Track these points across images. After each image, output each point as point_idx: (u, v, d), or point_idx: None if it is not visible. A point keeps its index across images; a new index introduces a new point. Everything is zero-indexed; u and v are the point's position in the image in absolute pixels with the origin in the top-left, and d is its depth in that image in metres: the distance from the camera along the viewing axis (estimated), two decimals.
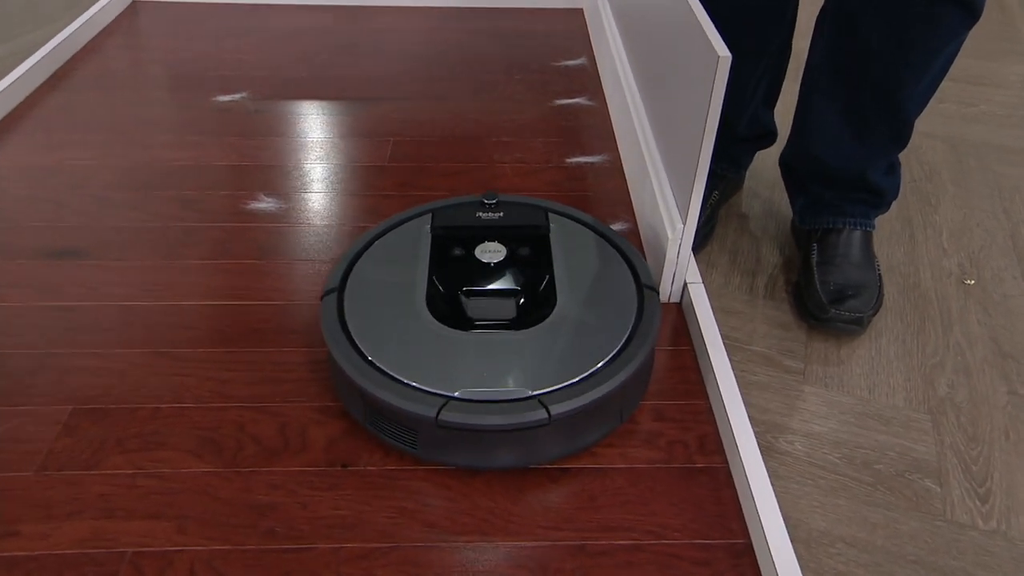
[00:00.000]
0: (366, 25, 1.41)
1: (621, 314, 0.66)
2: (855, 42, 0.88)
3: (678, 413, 0.68)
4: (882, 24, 0.84)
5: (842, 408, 0.86)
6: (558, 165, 1.01)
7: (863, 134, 0.93)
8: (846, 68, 0.91)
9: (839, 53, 0.91)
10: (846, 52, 0.90)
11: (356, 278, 0.70)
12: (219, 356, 0.73)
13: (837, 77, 0.92)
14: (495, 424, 0.58)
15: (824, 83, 0.94)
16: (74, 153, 1.02)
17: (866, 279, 0.96)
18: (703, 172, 0.68)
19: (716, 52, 0.62)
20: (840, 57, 0.91)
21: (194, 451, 0.64)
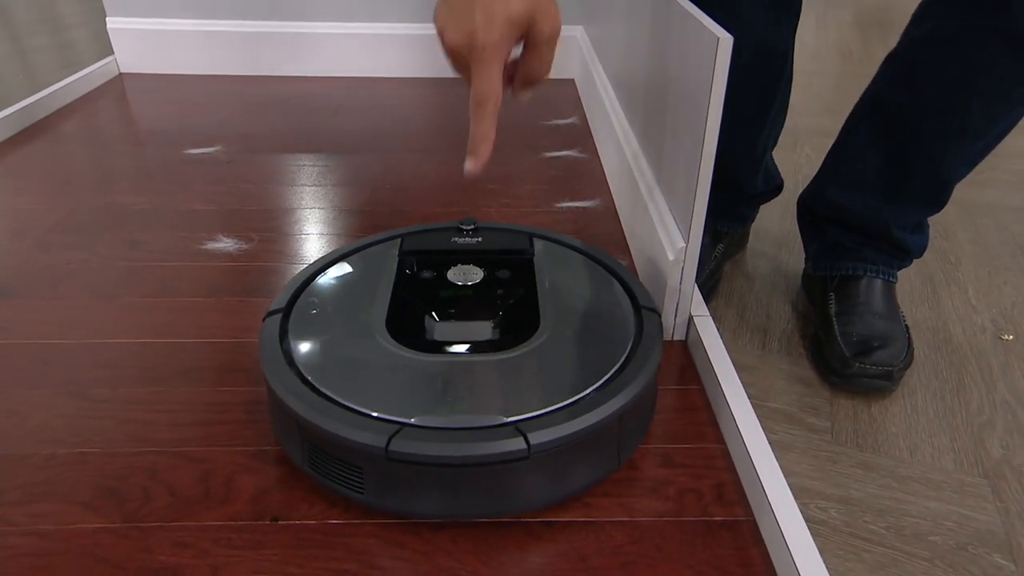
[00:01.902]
0: (353, 92, 1.39)
1: (616, 336, 0.56)
2: (914, 91, 0.80)
3: (688, 458, 0.56)
4: (950, 80, 0.76)
5: (881, 471, 0.73)
6: (547, 210, 0.94)
7: (898, 191, 0.85)
8: (896, 117, 0.82)
9: (892, 99, 0.83)
10: (900, 101, 0.82)
11: (307, 299, 0.60)
12: (143, 397, 0.61)
13: (883, 124, 0.84)
14: (460, 456, 0.46)
15: (866, 128, 0.86)
16: (24, 200, 0.95)
17: (892, 330, 0.85)
18: (706, 179, 0.60)
19: (715, 34, 0.55)
20: (892, 104, 0.83)
21: (88, 503, 0.51)
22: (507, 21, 0.52)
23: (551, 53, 0.56)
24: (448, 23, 0.54)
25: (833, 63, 2.16)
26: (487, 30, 0.52)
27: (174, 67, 1.47)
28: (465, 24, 0.52)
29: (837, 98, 1.84)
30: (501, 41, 0.53)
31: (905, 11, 0.89)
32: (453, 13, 0.54)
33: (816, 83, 1.93)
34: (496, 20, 0.52)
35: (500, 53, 0.53)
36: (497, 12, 0.52)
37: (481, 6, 0.52)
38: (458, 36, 0.53)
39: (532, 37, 0.54)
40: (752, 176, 0.97)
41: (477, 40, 0.52)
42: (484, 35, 0.52)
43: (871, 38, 2.43)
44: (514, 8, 0.52)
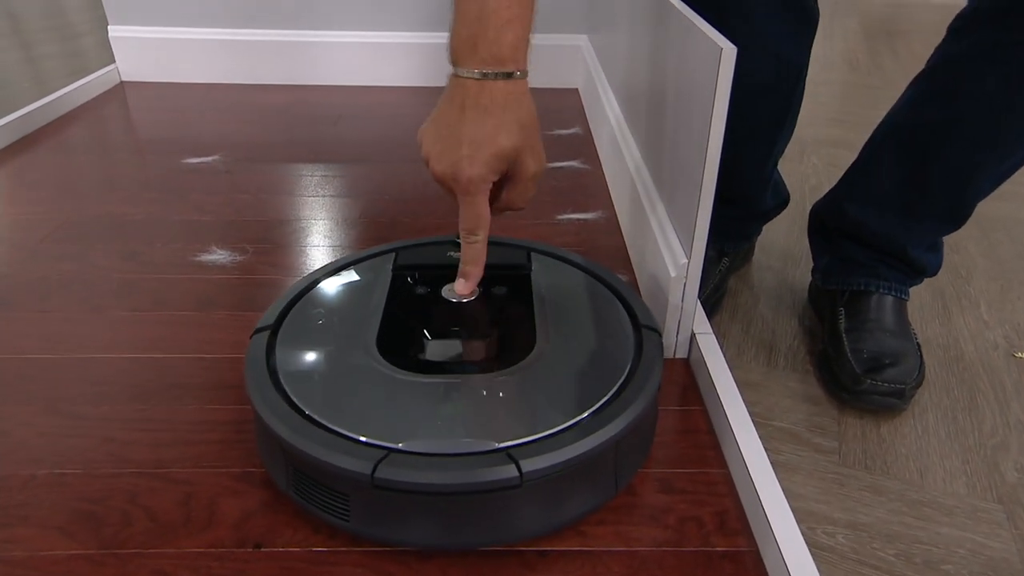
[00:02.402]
0: (354, 101, 1.37)
1: (614, 357, 0.54)
2: (949, 108, 0.77)
3: (689, 484, 0.54)
4: (987, 97, 0.74)
5: (890, 494, 0.71)
6: (547, 222, 0.92)
7: (917, 208, 0.82)
8: (925, 135, 0.79)
9: (922, 119, 0.80)
10: (932, 119, 0.79)
11: (297, 316, 0.58)
12: (127, 414, 0.60)
13: (910, 143, 0.81)
14: (449, 484, 0.44)
15: (892, 145, 0.83)
16: (21, 208, 0.94)
17: (904, 347, 0.83)
18: (709, 193, 0.58)
19: (719, 45, 0.53)
20: (923, 122, 0.80)
21: (64, 528, 0.49)
22: (493, 157, 0.51)
23: (533, 189, 0.56)
24: (433, 152, 0.53)
25: (840, 72, 2.14)
26: (472, 165, 0.51)
27: (176, 76, 1.47)
28: (451, 156, 0.51)
29: (844, 108, 1.81)
30: (487, 174, 0.52)
31: (913, 19, 0.87)
32: (439, 143, 0.52)
33: (823, 93, 1.91)
34: (482, 155, 0.51)
35: (486, 186, 0.53)
36: (484, 148, 0.51)
37: (468, 140, 0.51)
38: (443, 167, 0.52)
39: (517, 172, 0.54)
40: (761, 192, 0.95)
41: (462, 174, 0.51)
42: (470, 168, 0.51)
43: (878, 47, 2.41)
44: (501, 145, 0.51)
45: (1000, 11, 0.72)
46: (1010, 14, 0.71)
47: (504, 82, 0.51)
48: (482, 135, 0.51)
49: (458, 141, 0.51)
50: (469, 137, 0.51)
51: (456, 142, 0.51)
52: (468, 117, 0.51)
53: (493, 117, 0.51)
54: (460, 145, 0.51)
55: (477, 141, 0.51)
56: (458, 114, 0.51)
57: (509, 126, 0.51)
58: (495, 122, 0.51)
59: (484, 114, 0.51)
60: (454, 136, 0.51)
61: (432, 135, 0.53)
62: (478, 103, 0.51)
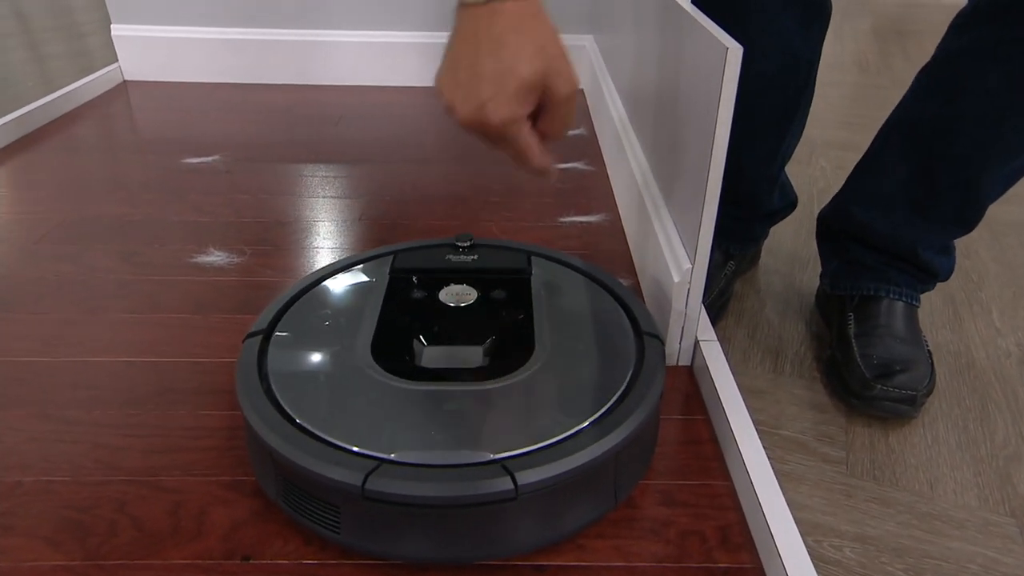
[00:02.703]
0: (356, 101, 1.36)
1: (615, 364, 0.52)
2: (952, 105, 0.75)
3: (691, 496, 0.52)
4: (995, 91, 0.72)
5: (899, 506, 0.69)
6: (550, 224, 0.90)
7: (926, 208, 0.80)
8: (929, 132, 0.78)
9: (926, 113, 0.78)
10: (935, 114, 0.77)
11: (291, 320, 0.57)
12: (118, 420, 0.59)
13: (915, 139, 0.79)
14: (442, 497, 0.42)
15: (897, 142, 0.81)
16: (16, 207, 0.93)
17: (915, 354, 0.81)
18: (713, 197, 0.56)
19: (724, 44, 0.52)
20: (927, 118, 0.78)
21: (49, 537, 0.48)
22: (519, 89, 0.47)
23: (570, 113, 0.51)
24: (455, 97, 0.48)
25: (850, 73, 2.12)
26: (499, 105, 0.47)
27: (178, 75, 1.46)
28: (474, 98, 0.47)
29: (854, 110, 1.79)
30: (517, 111, 0.48)
31: (924, 20, 0.85)
32: (460, 86, 0.48)
33: (832, 94, 1.89)
34: (507, 90, 0.46)
35: (520, 122, 0.49)
36: (507, 81, 0.46)
37: (490, 76, 0.46)
38: (469, 113, 0.48)
39: (548, 99, 0.49)
40: (767, 192, 0.93)
41: (490, 117, 0.47)
42: (496, 111, 0.47)
43: (889, 48, 2.38)
44: (524, 73, 0.46)
45: (1000, 7, 0.70)
46: (1011, 10, 0.69)
47: (514, 3, 0.46)
48: (502, 68, 0.46)
49: (478, 81, 0.46)
50: (489, 73, 0.46)
51: (476, 82, 0.47)
52: (483, 50, 0.46)
53: (509, 47, 0.46)
54: (481, 85, 0.46)
55: (498, 76, 0.46)
56: (472, 50, 0.47)
57: (528, 52, 0.46)
58: (512, 51, 0.46)
59: (499, 45, 0.46)
60: (473, 76, 0.47)
61: (450, 79, 0.48)
62: (490, 33, 0.46)
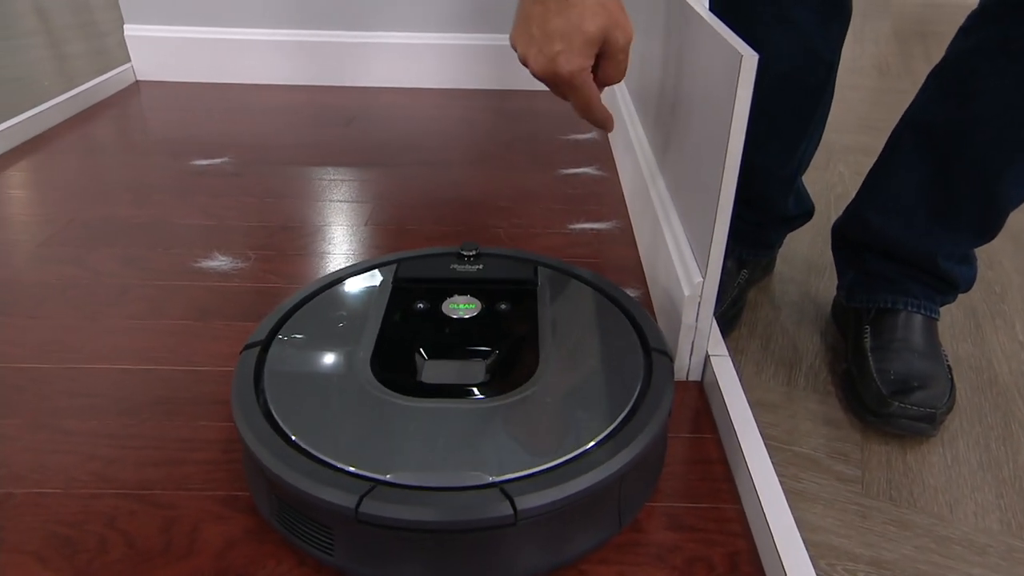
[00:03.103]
0: (368, 102, 1.35)
1: (621, 382, 0.51)
2: (964, 107, 0.73)
3: (699, 520, 0.50)
4: (1007, 92, 0.70)
5: (917, 529, 0.67)
6: (560, 231, 0.89)
7: (944, 214, 0.78)
8: (943, 134, 0.75)
9: (939, 116, 0.76)
10: (948, 117, 0.75)
11: (290, 331, 0.56)
12: (114, 430, 0.58)
13: (929, 142, 0.77)
14: (437, 522, 0.41)
15: (910, 145, 0.79)
16: (23, 209, 0.93)
17: (934, 369, 0.78)
18: (727, 203, 0.54)
19: (739, 52, 0.50)
20: (939, 120, 0.76)
21: (37, 553, 0.47)
22: (585, 43, 0.54)
23: (626, 60, 0.58)
24: (529, 52, 0.56)
25: (870, 77, 2.08)
26: (569, 57, 0.54)
27: (190, 75, 1.45)
28: (547, 52, 0.54)
29: (874, 114, 1.76)
30: (584, 62, 0.55)
31: (947, 20, 0.83)
32: (533, 43, 0.55)
33: (852, 98, 1.85)
34: (575, 45, 0.54)
35: (586, 72, 0.56)
36: (575, 37, 0.53)
37: (559, 33, 0.53)
38: (543, 64, 0.55)
39: (608, 48, 0.56)
40: (783, 197, 0.91)
41: (562, 68, 0.54)
42: (567, 63, 0.54)
43: (911, 51, 2.34)
44: (589, 29, 0.53)
45: (1008, 7, 0.68)
46: (1018, 9, 0.67)
47: None
48: (570, 27, 0.53)
49: (549, 37, 0.54)
50: (559, 31, 0.53)
51: (548, 39, 0.54)
52: (552, 10, 0.53)
53: (576, 6, 0.53)
54: (552, 41, 0.54)
55: (567, 33, 0.53)
56: (542, 10, 0.54)
57: (592, 9, 0.53)
58: (579, 10, 0.53)
59: (566, 5, 0.53)
60: (544, 33, 0.54)
61: (524, 37, 0.56)
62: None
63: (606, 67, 0.58)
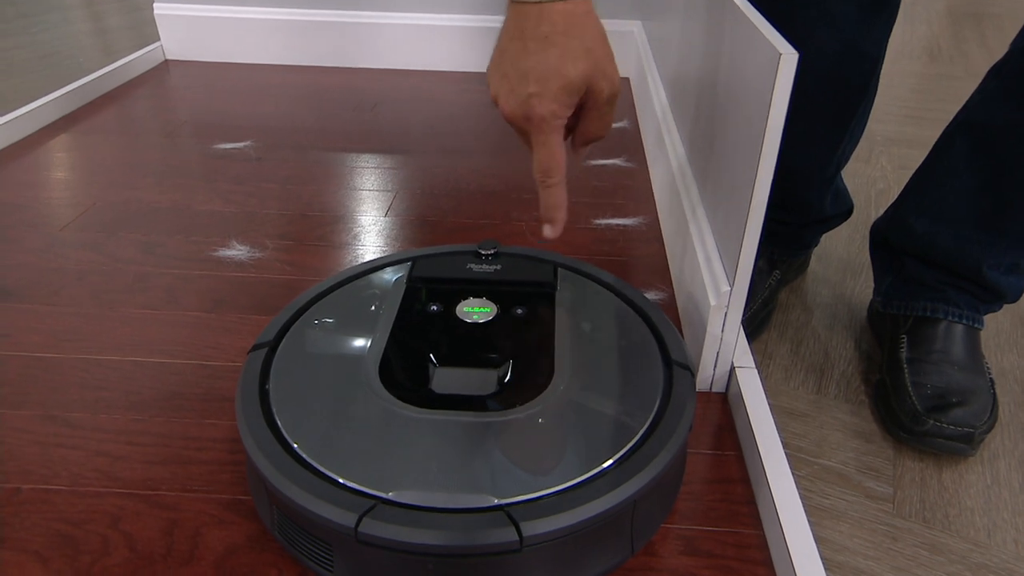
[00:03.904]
0: (393, 85, 1.33)
1: (639, 399, 0.48)
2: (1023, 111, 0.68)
3: (717, 546, 0.48)
4: None
5: (951, 555, 0.63)
6: (585, 227, 0.86)
7: (994, 223, 0.73)
8: (1001, 138, 0.71)
9: (998, 117, 0.71)
10: (1008, 119, 0.70)
11: (298, 332, 0.54)
12: (123, 425, 0.57)
13: (984, 145, 0.72)
14: (439, 545, 0.39)
15: (963, 148, 0.74)
16: (47, 192, 0.93)
17: (975, 384, 0.74)
18: (759, 210, 0.51)
19: (778, 50, 0.46)
20: (998, 123, 0.71)
21: (40, 553, 0.47)
22: (563, 89, 0.48)
23: (611, 114, 0.52)
24: (501, 90, 0.50)
25: (919, 61, 1.99)
26: (542, 100, 0.48)
27: (218, 55, 1.45)
28: (519, 93, 0.48)
29: (922, 102, 1.68)
30: (559, 110, 0.49)
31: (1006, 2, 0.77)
32: (506, 81, 0.49)
33: (898, 84, 1.77)
34: (551, 89, 0.48)
35: (559, 123, 0.50)
36: (552, 80, 0.47)
37: (535, 75, 0.48)
38: (513, 106, 0.49)
39: (590, 99, 0.50)
40: (820, 198, 0.86)
41: (533, 111, 0.48)
42: (540, 106, 0.48)
43: (964, 33, 2.23)
44: (570, 74, 0.47)
45: None
46: None
47: (563, 3, 0.47)
48: (548, 69, 0.47)
49: (524, 77, 0.48)
50: (535, 72, 0.47)
51: (522, 78, 0.48)
52: (530, 49, 0.47)
53: (556, 46, 0.47)
54: (527, 81, 0.48)
55: (543, 76, 0.47)
56: (520, 47, 0.48)
57: (575, 53, 0.47)
58: (559, 52, 0.47)
59: (546, 44, 0.47)
60: (519, 72, 0.48)
61: (497, 73, 0.50)
62: (538, 32, 0.47)
63: (587, 120, 0.52)
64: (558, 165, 0.51)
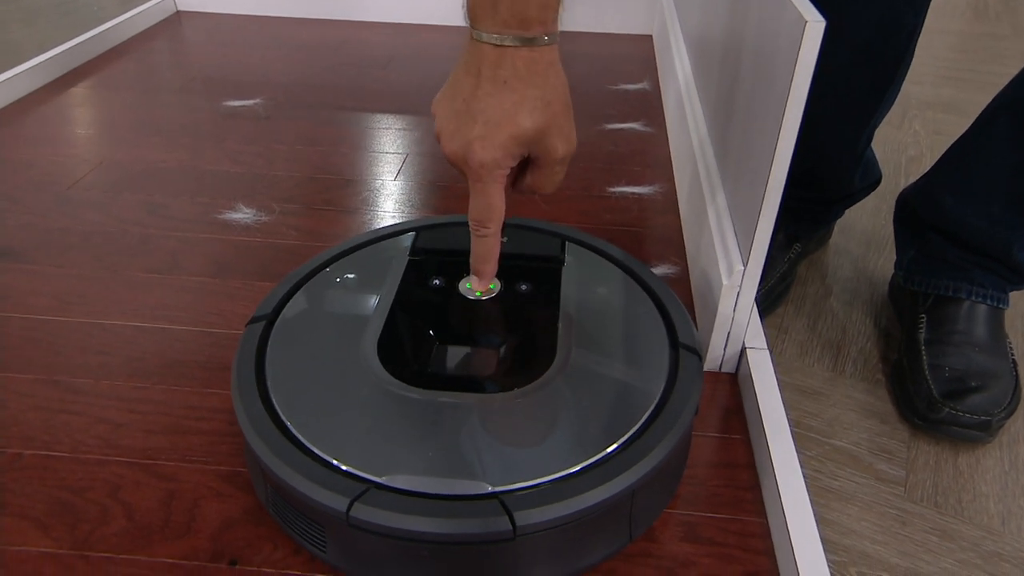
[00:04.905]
0: (408, 40, 1.29)
1: (643, 384, 0.47)
2: None
3: (719, 533, 0.47)
4: None
5: (962, 541, 0.62)
6: (598, 194, 0.83)
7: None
8: None
9: None
10: None
11: (296, 306, 0.53)
12: (123, 392, 0.57)
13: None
14: (431, 533, 0.38)
15: (1005, 127, 0.70)
16: (55, 149, 0.92)
17: (996, 367, 0.71)
18: (776, 189, 0.49)
19: (804, 17, 0.43)
20: None
21: (40, 520, 0.47)
22: (512, 138, 0.43)
23: (561, 173, 0.48)
24: (446, 127, 0.45)
25: (963, 19, 1.89)
26: (486, 147, 0.44)
27: (231, 7, 1.41)
28: (464, 134, 0.44)
29: (962, 63, 1.60)
30: (502, 159, 0.44)
31: None
32: (454, 118, 0.45)
33: (937, 43, 1.69)
34: (498, 137, 0.43)
35: (501, 172, 0.45)
36: (501, 128, 0.43)
37: (484, 117, 0.43)
38: (455, 147, 0.45)
39: (542, 155, 0.46)
40: (849, 174, 0.83)
41: (474, 156, 0.44)
42: (482, 152, 0.44)
43: None
44: (523, 124, 0.43)
45: None
46: None
47: (528, 50, 0.42)
48: (499, 113, 0.43)
49: (472, 118, 0.44)
50: (484, 115, 0.43)
51: (470, 119, 0.44)
52: (484, 91, 0.43)
53: (514, 93, 0.43)
54: (474, 123, 0.44)
55: (493, 120, 0.43)
56: (473, 85, 0.44)
57: (532, 103, 0.43)
58: (515, 98, 0.43)
59: (503, 88, 0.43)
60: (468, 111, 0.44)
61: (446, 108, 0.46)
62: (496, 75, 0.43)
63: (535, 176, 0.48)
64: (495, 214, 0.47)
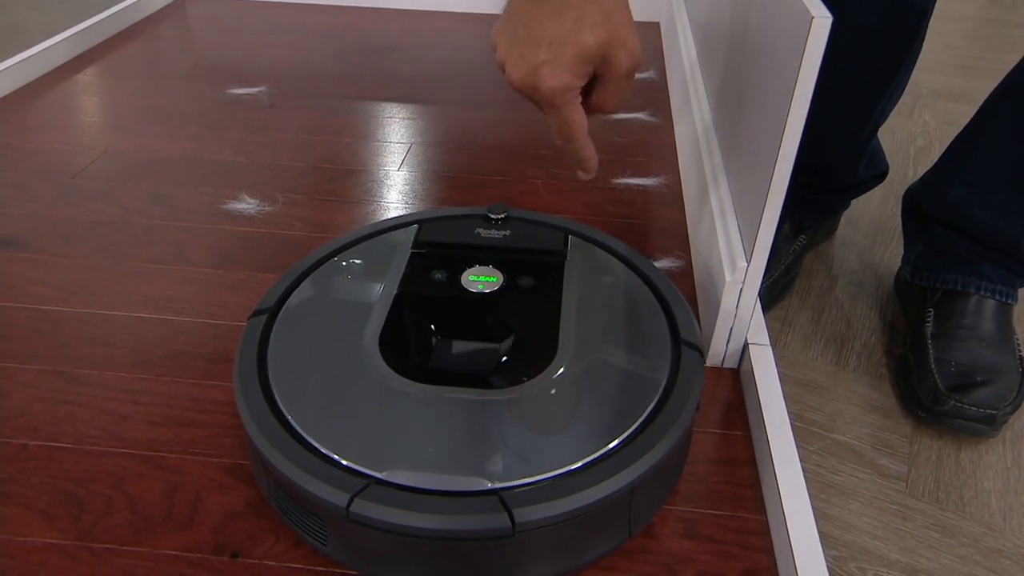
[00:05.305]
0: (413, 28, 1.28)
1: (644, 380, 0.47)
2: None
3: (718, 530, 0.47)
4: None
5: (963, 537, 0.62)
6: (602, 186, 0.83)
7: None
8: None
9: None
10: None
11: (299, 299, 0.53)
12: (128, 383, 0.57)
13: None
14: (430, 529, 0.39)
15: (1010, 115, 0.69)
16: (59, 136, 0.92)
17: (1002, 362, 0.71)
18: (781, 184, 0.48)
19: (810, 12, 0.42)
20: None
21: (46, 511, 0.47)
22: (577, 58, 0.43)
23: (628, 88, 0.47)
24: (510, 56, 0.45)
25: (975, 5, 1.86)
26: (555, 71, 0.44)
27: None
28: (529, 61, 0.44)
29: (975, 51, 1.57)
30: (572, 81, 0.44)
31: None
32: (516, 46, 0.45)
33: (949, 30, 1.66)
34: (564, 57, 0.43)
35: (573, 94, 0.46)
36: (566, 48, 0.43)
37: (548, 40, 0.43)
38: (522, 74, 0.45)
39: (606, 71, 0.46)
40: (853, 163, 0.82)
41: (544, 83, 0.44)
42: (552, 77, 0.44)
43: None
44: (586, 42, 0.43)
45: None
46: None
47: None
48: (562, 33, 0.43)
49: (536, 43, 0.44)
50: (548, 37, 0.43)
51: (534, 44, 0.44)
52: (544, 11, 0.43)
53: (573, 10, 0.43)
54: (538, 48, 0.44)
55: (557, 41, 0.43)
56: (532, 8, 0.44)
57: (593, 18, 0.43)
58: (575, 15, 0.43)
59: (562, 7, 0.43)
60: (531, 37, 0.44)
61: (507, 37, 0.46)
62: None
63: (602, 92, 0.47)
64: (578, 132, 0.48)
